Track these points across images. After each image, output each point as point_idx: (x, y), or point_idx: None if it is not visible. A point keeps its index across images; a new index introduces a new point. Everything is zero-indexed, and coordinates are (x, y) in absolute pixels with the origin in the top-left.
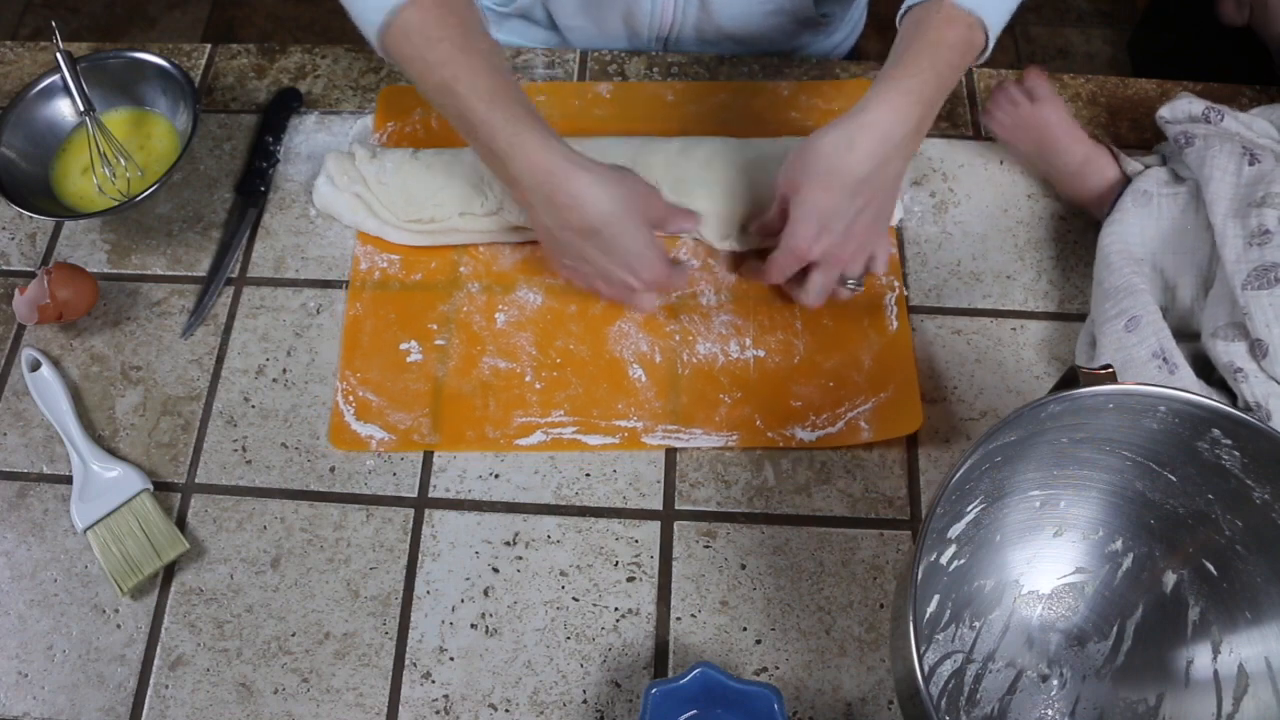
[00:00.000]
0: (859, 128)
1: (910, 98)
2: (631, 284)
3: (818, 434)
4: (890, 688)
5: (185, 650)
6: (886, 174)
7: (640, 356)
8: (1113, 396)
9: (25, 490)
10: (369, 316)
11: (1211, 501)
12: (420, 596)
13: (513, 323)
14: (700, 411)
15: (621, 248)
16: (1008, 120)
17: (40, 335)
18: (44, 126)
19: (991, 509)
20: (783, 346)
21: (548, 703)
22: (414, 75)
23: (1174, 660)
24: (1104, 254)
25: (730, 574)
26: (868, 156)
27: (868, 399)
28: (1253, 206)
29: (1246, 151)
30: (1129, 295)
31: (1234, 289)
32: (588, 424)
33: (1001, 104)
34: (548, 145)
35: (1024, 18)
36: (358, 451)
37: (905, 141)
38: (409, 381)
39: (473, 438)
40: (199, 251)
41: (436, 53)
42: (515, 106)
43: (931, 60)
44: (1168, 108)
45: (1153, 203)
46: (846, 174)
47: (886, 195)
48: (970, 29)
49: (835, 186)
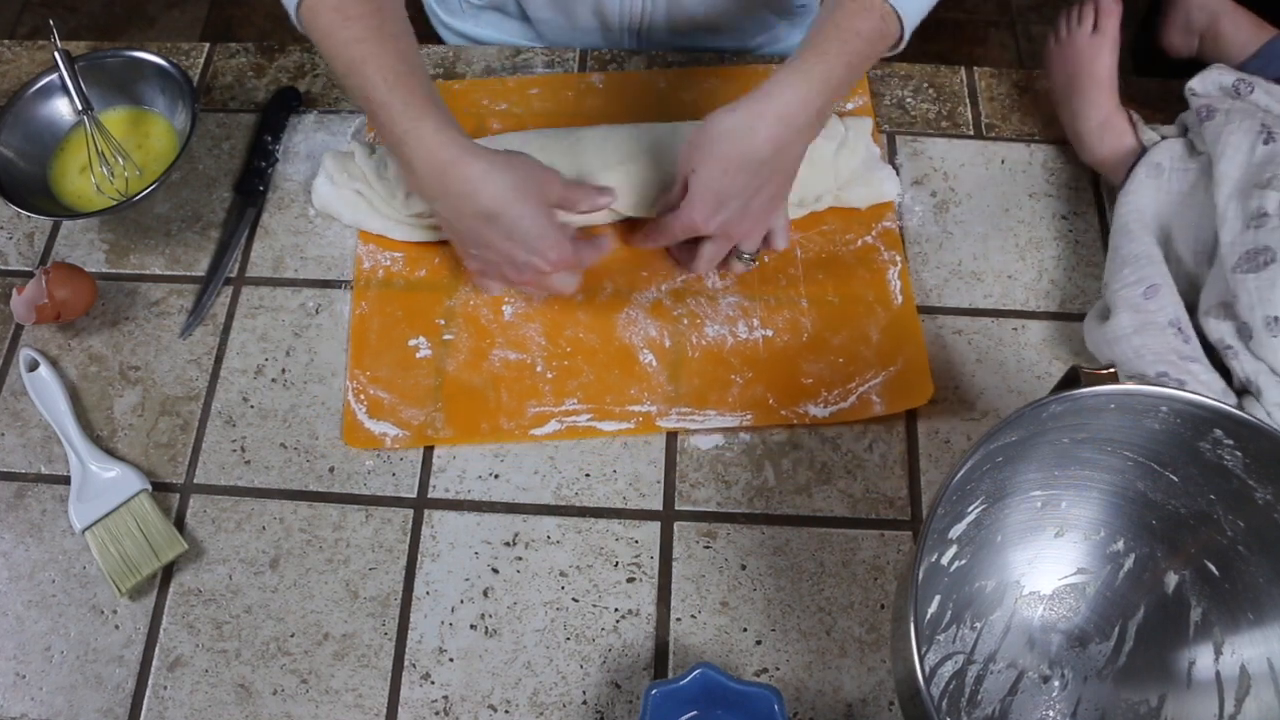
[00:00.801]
0: (760, 112)
1: (815, 84)
2: (539, 265)
3: (830, 409)
4: (891, 688)
5: (184, 651)
6: (786, 157)
7: (649, 342)
8: (1114, 396)
9: (23, 491)
10: (375, 315)
11: (1213, 502)
12: (420, 597)
13: (520, 314)
14: (713, 393)
15: (522, 230)
16: (1064, 34)
17: (38, 335)
18: (42, 126)
19: (992, 509)
20: (790, 325)
21: (547, 704)
22: (325, 53)
23: (1176, 661)
24: (1122, 222)
25: (730, 574)
26: (768, 140)
27: (878, 373)
28: (1257, 188)
29: (1265, 130)
30: (1149, 263)
31: (1226, 270)
32: (601, 411)
33: (1070, 18)
34: (442, 132)
35: (1024, 17)
36: (372, 449)
37: (807, 126)
38: (419, 377)
39: (487, 430)
40: (197, 251)
41: (348, 32)
42: (416, 92)
43: (840, 48)
44: (1198, 79)
45: (1164, 176)
46: (746, 157)
47: (785, 176)
48: (884, 19)
49: (734, 168)
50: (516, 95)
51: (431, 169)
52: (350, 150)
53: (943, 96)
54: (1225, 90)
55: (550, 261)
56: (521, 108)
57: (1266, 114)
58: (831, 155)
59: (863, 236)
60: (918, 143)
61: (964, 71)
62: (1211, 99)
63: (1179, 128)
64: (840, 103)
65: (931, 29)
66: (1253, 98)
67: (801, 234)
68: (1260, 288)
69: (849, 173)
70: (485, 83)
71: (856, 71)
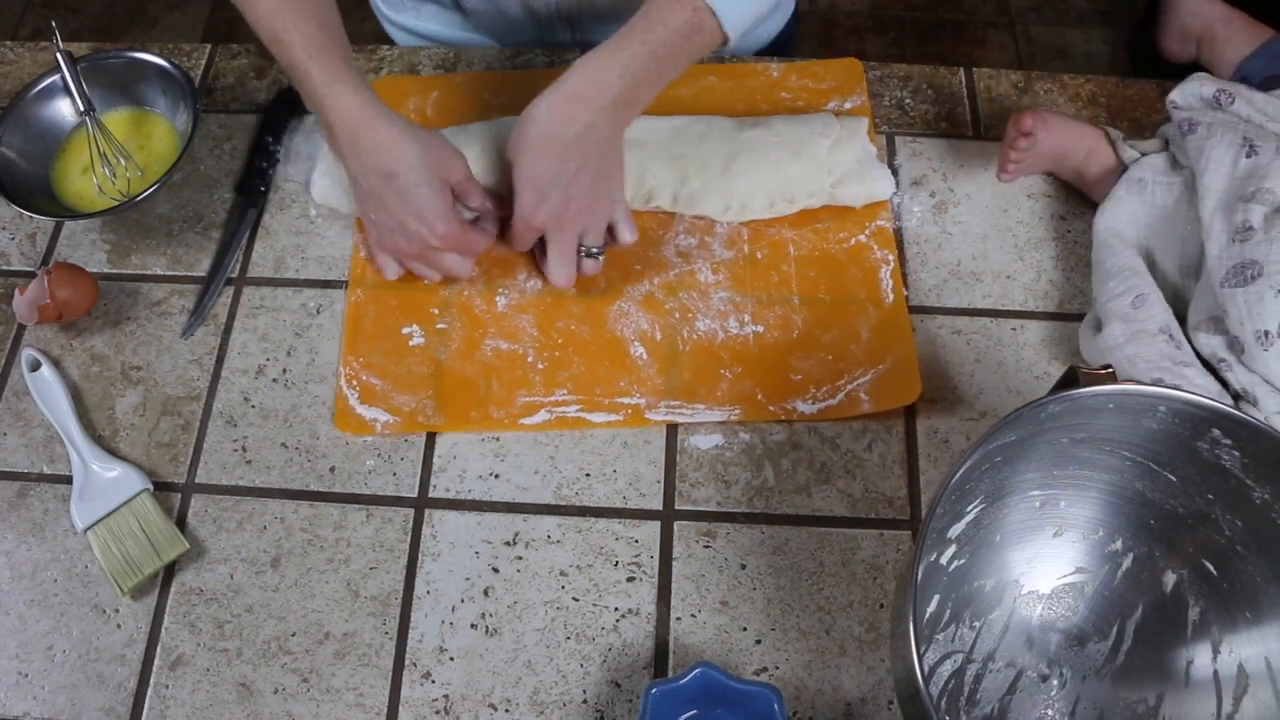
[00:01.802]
0: (560, 96)
1: (614, 68)
2: (427, 239)
3: (818, 406)
4: (890, 688)
5: (185, 650)
6: (594, 138)
7: (641, 334)
8: (1113, 396)
9: (25, 490)
10: (370, 303)
11: (1211, 501)
12: (420, 596)
13: (513, 305)
14: (702, 387)
15: (416, 198)
16: (1023, 166)
17: (40, 335)
18: (44, 126)
19: (991, 509)
20: (781, 321)
21: (548, 703)
22: (251, 22)
23: (1174, 660)
24: (1101, 238)
25: (730, 574)
26: (569, 120)
27: (866, 371)
28: (1242, 201)
29: (1247, 142)
30: (1134, 275)
31: (1214, 285)
32: (591, 402)
33: (1014, 159)
34: (360, 95)
35: (1023, 18)
36: (362, 435)
37: (611, 108)
38: (412, 365)
39: (477, 418)
40: (199, 251)
41: (268, 3)
42: (334, 58)
43: (644, 36)
44: (1178, 91)
45: (1147, 190)
46: (552, 137)
47: (602, 160)
48: (696, 13)
49: (546, 152)
50: (517, 88)
51: (346, 127)
52: None
53: (941, 97)
54: (1206, 101)
55: (438, 235)
56: (523, 101)
57: (1248, 125)
58: (825, 152)
59: (856, 235)
60: (916, 143)
61: (963, 72)
62: (1193, 111)
63: (1160, 141)
64: (839, 101)
65: (931, 30)
66: (1234, 109)
67: (795, 231)
68: (1249, 302)
69: (842, 170)
70: (486, 75)
71: (667, 62)
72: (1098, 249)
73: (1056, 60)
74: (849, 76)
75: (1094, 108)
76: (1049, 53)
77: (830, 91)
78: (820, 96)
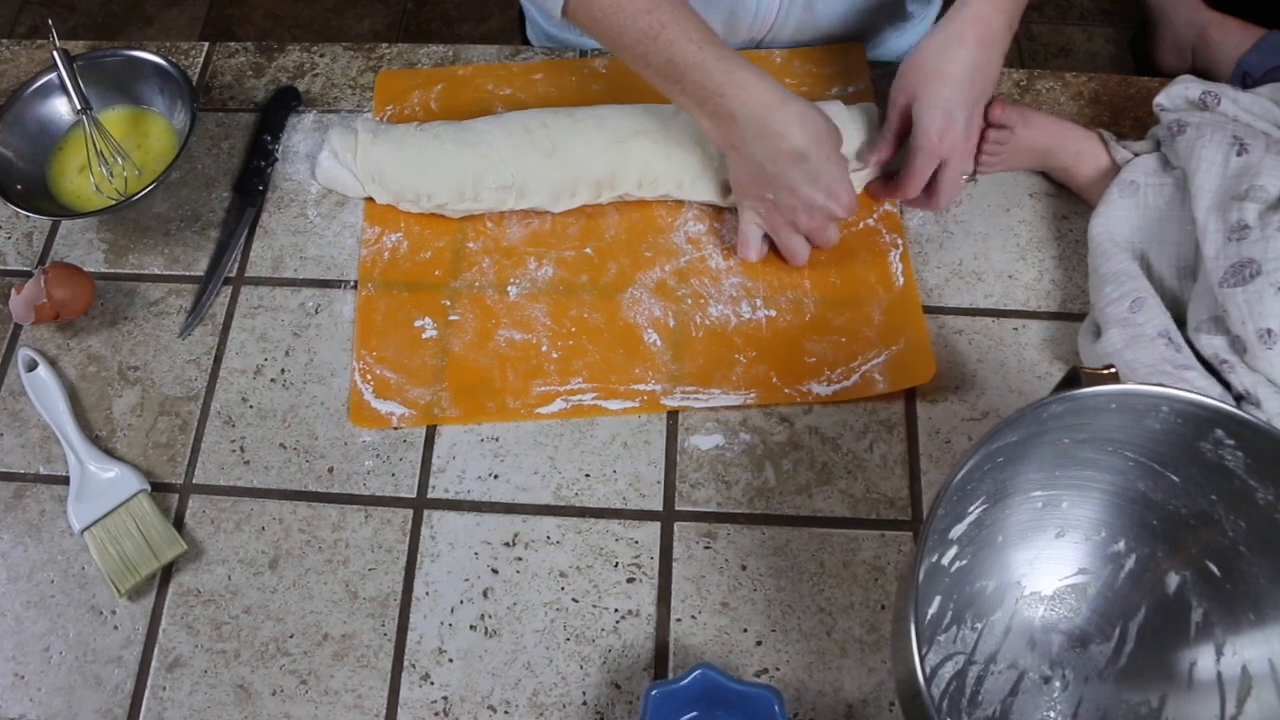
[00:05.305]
0: (963, 21)
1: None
2: (834, 211)
3: (833, 388)
4: (891, 689)
5: (183, 652)
6: (991, 60)
7: (654, 321)
8: (1115, 397)
9: (22, 491)
10: (381, 296)
11: (1214, 502)
12: (419, 598)
13: (525, 294)
14: (717, 372)
15: (826, 174)
16: (1001, 159)
17: (37, 335)
18: (41, 125)
19: (993, 510)
20: (793, 305)
21: (547, 704)
22: (609, 31)
23: (1177, 662)
24: (1095, 243)
25: (731, 575)
26: (976, 43)
27: (880, 351)
28: (1235, 200)
29: (1236, 141)
30: (1130, 279)
31: (1212, 285)
32: (607, 390)
33: (988, 151)
34: (763, 78)
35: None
36: (379, 429)
37: (1002, 31)
38: (425, 357)
39: (493, 409)
40: (197, 251)
41: (637, 4)
42: (722, 48)
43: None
44: (1164, 94)
45: (1139, 193)
46: (960, 63)
47: (991, 84)
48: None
49: (951, 79)
50: (521, 80)
51: (752, 113)
52: (354, 127)
53: None
54: (1193, 103)
55: (844, 205)
56: (526, 92)
57: (1236, 124)
58: None
59: (864, 219)
60: None
61: None
62: (1181, 113)
63: (1151, 142)
64: (841, 88)
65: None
66: (1221, 109)
67: None
68: (1249, 301)
69: (851, 155)
70: (489, 68)
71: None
72: (1093, 254)
73: (1058, 58)
74: (852, 62)
75: (1096, 106)
76: (1051, 51)
77: (833, 77)
78: (824, 82)
